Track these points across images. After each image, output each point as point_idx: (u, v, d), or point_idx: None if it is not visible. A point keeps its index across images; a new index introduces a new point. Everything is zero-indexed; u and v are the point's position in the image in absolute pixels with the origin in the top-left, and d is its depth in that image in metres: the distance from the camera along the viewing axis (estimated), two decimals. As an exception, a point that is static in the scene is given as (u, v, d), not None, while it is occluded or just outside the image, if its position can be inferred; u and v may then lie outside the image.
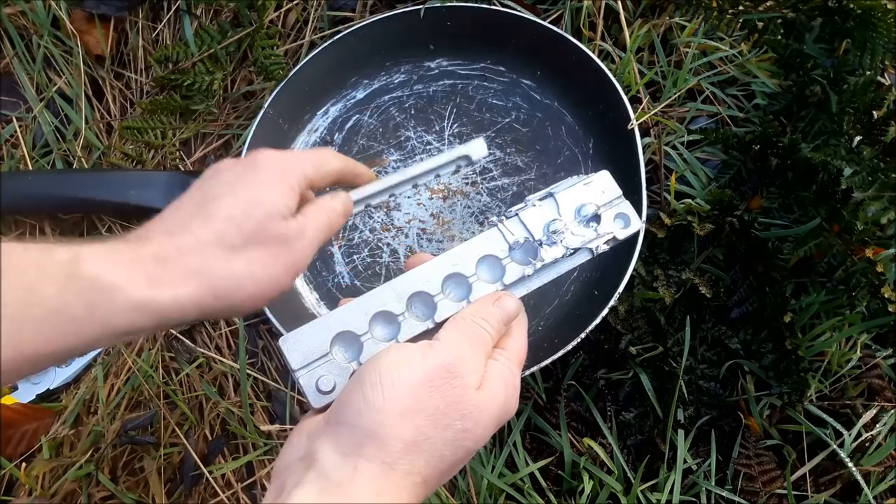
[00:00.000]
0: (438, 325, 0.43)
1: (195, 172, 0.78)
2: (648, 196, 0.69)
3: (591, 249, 0.47)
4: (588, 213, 0.47)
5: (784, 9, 0.69)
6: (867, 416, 0.66)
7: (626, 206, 0.48)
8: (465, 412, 0.38)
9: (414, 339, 0.43)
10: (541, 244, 0.46)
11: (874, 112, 0.66)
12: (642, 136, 0.72)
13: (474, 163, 0.56)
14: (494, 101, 0.80)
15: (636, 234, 0.66)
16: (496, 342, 0.43)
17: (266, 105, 0.76)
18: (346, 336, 0.43)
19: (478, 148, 0.56)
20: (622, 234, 0.47)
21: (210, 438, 0.71)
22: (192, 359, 0.73)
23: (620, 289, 0.65)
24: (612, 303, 0.64)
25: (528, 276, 0.46)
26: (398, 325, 0.44)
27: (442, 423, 0.38)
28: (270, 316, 0.70)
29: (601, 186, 0.49)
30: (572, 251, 0.46)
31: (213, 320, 0.75)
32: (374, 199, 0.54)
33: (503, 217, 0.47)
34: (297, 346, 0.43)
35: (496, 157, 0.78)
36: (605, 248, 0.47)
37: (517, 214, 0.47)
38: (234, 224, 0.42)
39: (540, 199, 0.48)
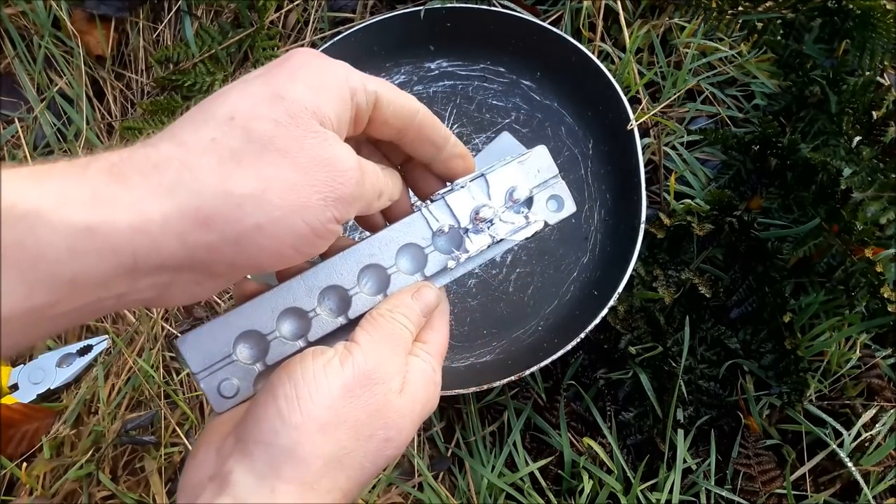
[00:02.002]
0: (352, 322, 0.39)
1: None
2: (648, 196, 0.69)
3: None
4: (520, 197, 0.42)
5: (784, 9, 0.69)
6: (867, 416, 0.66)
7: (562, 188, 0.44)
8: (388, 420, 0.35)
9: (326, 338, 0.39)
10: (466, 232, 0.41)
11: (873, 112, 0.67)
12: (642, 137, 0.72)
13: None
14: (494, 102, 0.80)
15: (636, 233, 0.66)
16: (416, 335, 0.39)
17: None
18: (251, 335, 0.38)
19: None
20: (553, 219, 0.43)
21: (210, 438, 0.71)
22: (193, 359, 0.73)
23: (620, 289, 0.65)
24: (611, 303, 0.65)
25: (453, 267, 0.42)
26: (309, 321, 0.39)
27: (364, 435, 0.34)
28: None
29: (537, 164, 0.44)
30: (499, 240, 0.42)
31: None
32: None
33: (428, 201, 0.42)
34: (196, 347, 0.38)
35: (496, 157, 0.78)
36: (530, 233, 0.43)
37: (443, 198, 0.41)
38: (237, 126, 0.30)
39: (470, 180, 0.42)
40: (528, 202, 0.43)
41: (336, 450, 0.33)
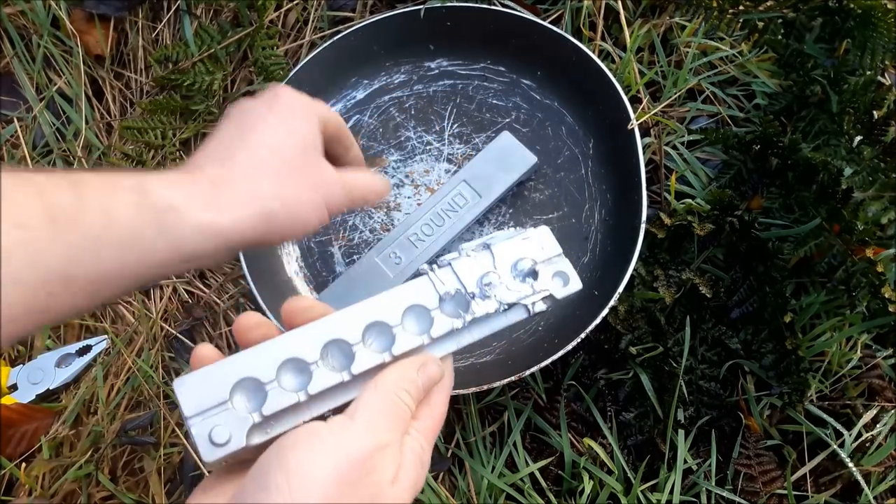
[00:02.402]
0: (355, 378, 0.39)
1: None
2: (648, 196, 0.69)
3: (526, 307, 0.43)
4: (525, 267, 0.44)
5: (784, 9, 0.69)
6: (867, 417, 0.66)
7: (566, 265, 0.45)
8: None
9: (327, 392, 0.38)
10: (473, 297, 0.42)
11: (874, 112, 0.66)
12: (642, 136, 0.72)
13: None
14: (494, 102, 0.80)
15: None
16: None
17: (266, 105, 0.76)
18: (249, 383, 0.38)
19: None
20: (560, 293, 0.44)
21: (210, 438, 0.71)
22: (192, 359, 0.73)
23: (620, 289, 0.65)
24: (612, 303, 0.64)
25: (458, 329, 0.42)
26: (310, 374, 0.38)
27: None
28: (270, 316, 0.70)
29: (540, 242, 0.45)
30: (506, 307, 0.43)
31: (214, 323, 0.75)
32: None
33: (435, 266, 0.44)
34: (192, 389, 0.37)
35: (496, 157, 0.78)
36: (541, 306, 0.44)
37: (450, 264, 0.43)
38: (277, 153, 0.45)
39: (474, 250, 0.44)
40: (534, 275, 0.44)
41: None
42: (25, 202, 0.34)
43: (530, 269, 0.44)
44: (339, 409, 0.37)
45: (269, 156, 0.45)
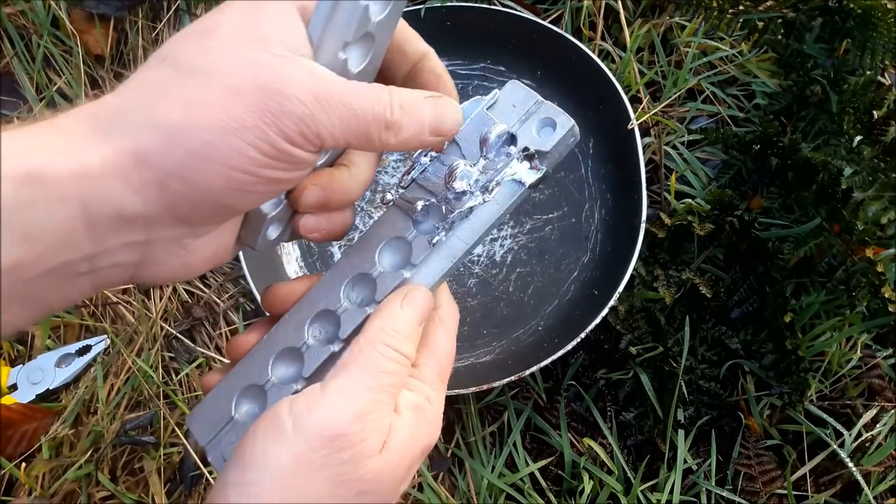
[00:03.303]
0: (346, 342, 0.35)
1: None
2: (648, 196, 0.69)
3: (515, 181, 0.35)
4: (493, 137, 0.35)
5: (784, 9, 0.69)
6: (867, 417, 0.66)
7: (548, 108, 0.36)
8: (362, 489, 0.30)
9: (321, 369, 0.35)
10: (446, 200, 0.35)
11: (874, 112, 0.66)
12: (642, 136, 0.72)
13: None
14: (494, 101, 0.80)
15: (636, 232, 0.66)
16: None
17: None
18: (250, 391, 0.36)
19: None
20: (550, 143, 0.35)
21: (210, 438, 0.71)
22: (192, 359, 0.73)
23: (620, 289, 0.65)
24: (612, 303, 0.64)
25: (442, 241, 0.35)
26: (301, 358, 0.35)
27: None
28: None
29: (510, 100, 0.36)
30: (487, 190, 0.35)
31: (213, 323, 0.75)
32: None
33: (399, 189, 0.37)
34: (202, 419, 0.36)
35: (496, 156, 0.78)
36: (532, 173, 0.35)
37: (413, 180, 0.36)
38: (169, 61, 0.28)
39: (434, 152, 0.36)
40: (511, 140, 0.36)
41: None
42: None
43: (503, 135, 0.35)
44: None
45: (160, 69, 0.28)
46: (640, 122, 0.71)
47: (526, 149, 0.35)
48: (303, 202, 0.33)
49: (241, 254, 0.69)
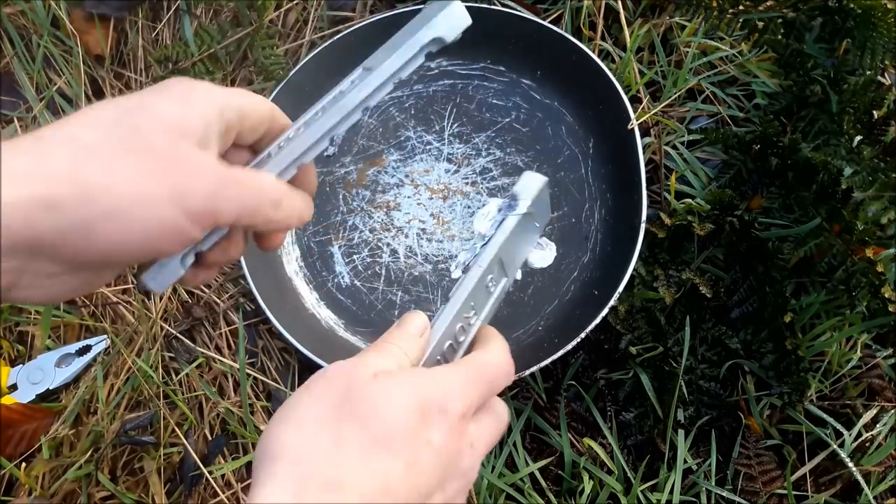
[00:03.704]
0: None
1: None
2: (648, 196, 0.69)
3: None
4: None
5: (784, 8, 0.69)
6: (867, 416, 0.66)
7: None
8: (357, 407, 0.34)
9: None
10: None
11: (874, 112, 0.66)
12: (642, 136, 0.72)
13: (449, 42, 0.40)
14: (494, 101, 0.80)
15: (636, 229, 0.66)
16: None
17: (266, 105, 0.76)
18: None
19: (455, 19, 0.40)
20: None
21: (210, 438, 0.71)
22: (192, 359, 0.73)
23: (620, 289, 0.65)
24: (612, 303, 0.64)
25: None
26: None
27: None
28: (270, 316, 0.70)
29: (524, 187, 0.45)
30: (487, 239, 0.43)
31: (214, 323, 0.75)
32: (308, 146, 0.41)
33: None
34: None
35: (496, 156, 0.78)
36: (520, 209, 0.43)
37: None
38: (100, 126, 0.32)
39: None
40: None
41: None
42: None
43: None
44: None
45: (84, 127, 0.32)
46: (640, 122, 0.71)
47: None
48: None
49: (241, 254, 0.69)
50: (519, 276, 0.46)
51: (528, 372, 0.64)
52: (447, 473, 0.35)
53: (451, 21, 0.40)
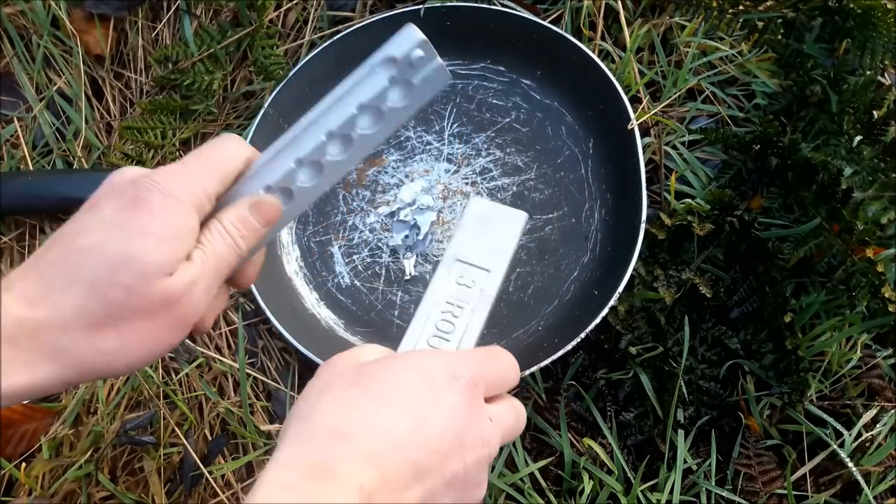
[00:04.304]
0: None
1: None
2: (648, 196, 0.69)
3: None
4: None
5: (784, 8, 0.69)
6: (867, 416, 0.66)
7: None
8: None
9: None
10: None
11: (874, 112, 0.66)
12: (642, 136, 0.72)
13: (405, 60, 0.42)
14: (494, 101, 0.80)
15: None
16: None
17: (266, 105, 0.76)
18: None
19: (404, 38, 0.42)
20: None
21: (210, 438, 0.71)
22: (192, 359, 0.73)
23: (620, 289, 0.65)
24: (612, 303, 0.64)
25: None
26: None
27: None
28: (270, 316, 0.70)
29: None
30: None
31: (213, 323, 0.75)
32: (280, 175, 0.42)
33: None
34: None
35: (496, 157, 0.78)
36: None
37: None
38: (99, 293, 0.36)
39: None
40: None
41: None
42: None
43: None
44: None
45: (88, 301, 0.36)
46: (640, 122, 0.71)
47: None
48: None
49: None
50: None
51: (528, 372, 0.64)
52: (464, 439, 0.36)
53: (400, 40, 0.42)
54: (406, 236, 0.75)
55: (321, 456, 0.33)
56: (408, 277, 0.74)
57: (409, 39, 0.42)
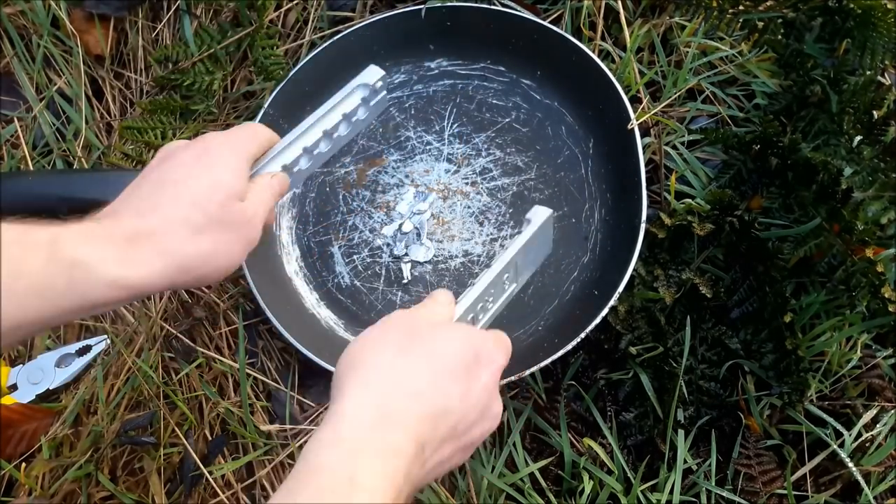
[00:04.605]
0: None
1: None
2: (648, 196, 0.69)
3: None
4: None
5: (784, 8, 0.69)
6: (867, 417, 0.66)
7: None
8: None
9: None
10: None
11: (874, 112, 0.66)
12: (642, 136, 0.72)
13: (372, 87, 0.61)
14: (494, 101, 0.80)
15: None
16: None
17: (266, 105, 0.76)
18: None
19: (373, 72, 0.62)
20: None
21: (210, 438, 0.71)
22: (192, 359, 0.73)
23: (620, 289, 0.65)
24: (612, 303, 0.64)
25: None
26: None
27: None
28: (270, 316, 0.70)
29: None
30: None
31: (213, 323, 0.75)
32: (292, 159, 0.58)
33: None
34: None
35: (496, 157, 0.78)
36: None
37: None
38: (200, 207, 0.47)
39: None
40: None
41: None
42: None
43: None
44: None
45: (191, 210, 0.47)
46: (640, 122, 0.71)
47: None
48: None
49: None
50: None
51: (528, 372, 0.64)
52: (485, 412, 0.45)
53: (370, 73, 0.62)
54: (408, 246, 0.75)
55: (398, 406, 0.41)
56: (405, 281, 0.74)
57: (376, 73, 0.62)
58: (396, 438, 0.39)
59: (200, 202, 0.47)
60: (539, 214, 0.57)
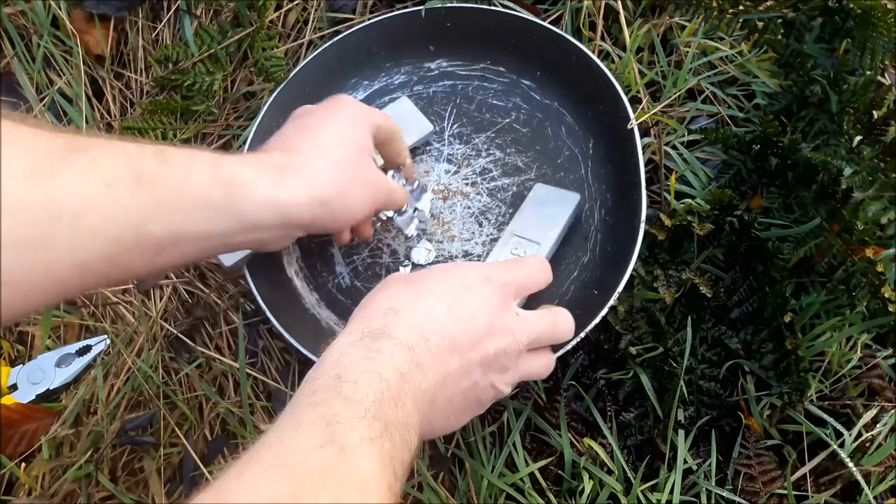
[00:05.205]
0: None
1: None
2: (648, 196, 0.69)
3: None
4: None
5: (784, 8, 0.69)
6: (867, 416, 0.66)
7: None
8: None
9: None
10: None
11: (874, 112, 0.66)
12: (642, 136, 0.72)
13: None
14: (494, 102, 0.80)
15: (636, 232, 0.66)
16: None
17: (266, 105, 0.76)
18: None
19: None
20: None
21: (210, 438, 0.71)
22: (192, 359, 0.73)
23: (620, 289, 0.65)
24: (611, 303, 0.64)
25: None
26: None
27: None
28: (270, 316, 0.70)
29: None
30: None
31: (214, 323, 0.75)
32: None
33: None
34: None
35: (496, 157, 0.78)
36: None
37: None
38: (339, 150, 0.54)
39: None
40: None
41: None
42: (114, 165, 0.41)
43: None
44: None
45: (329, 151, 0.54)
46: (639, 122, 0.71)
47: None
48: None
49: (241, 254, 0.69)
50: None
51: (528, 372, 0.64)
52: (494, 327, 0.48)
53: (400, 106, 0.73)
54: (409, 248, 0.75)
55: (378, 324, 0.44)
56: None
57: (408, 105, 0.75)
58: (384, 346, 0.42)
59: (336, 146, 0.54)
60: (533, 190, 0.64)
